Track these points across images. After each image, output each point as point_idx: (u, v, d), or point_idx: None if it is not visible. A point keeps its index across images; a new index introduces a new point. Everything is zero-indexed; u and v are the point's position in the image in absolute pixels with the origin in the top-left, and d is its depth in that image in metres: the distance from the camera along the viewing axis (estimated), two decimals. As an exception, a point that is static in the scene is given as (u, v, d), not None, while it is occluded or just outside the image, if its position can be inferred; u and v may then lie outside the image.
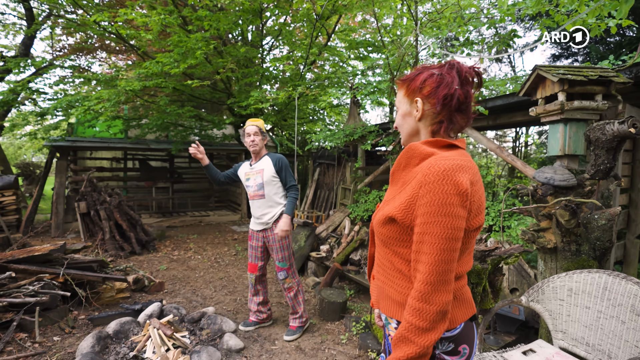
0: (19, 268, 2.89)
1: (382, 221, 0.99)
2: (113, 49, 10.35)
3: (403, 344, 0.87)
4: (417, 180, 0.90)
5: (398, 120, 1.08)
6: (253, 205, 2.78)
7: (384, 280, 1.06)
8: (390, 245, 1.00)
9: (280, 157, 2.76)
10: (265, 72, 6.32)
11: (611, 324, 1.69)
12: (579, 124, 2.22)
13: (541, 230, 2.21)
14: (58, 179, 6.37)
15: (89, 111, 5.02)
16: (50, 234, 6.21)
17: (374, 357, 2.57)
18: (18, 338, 2.60)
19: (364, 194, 4.95)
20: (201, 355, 2.34)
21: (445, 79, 0.95)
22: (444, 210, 0.84)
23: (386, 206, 1.01)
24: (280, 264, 2.80)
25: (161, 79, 5.21)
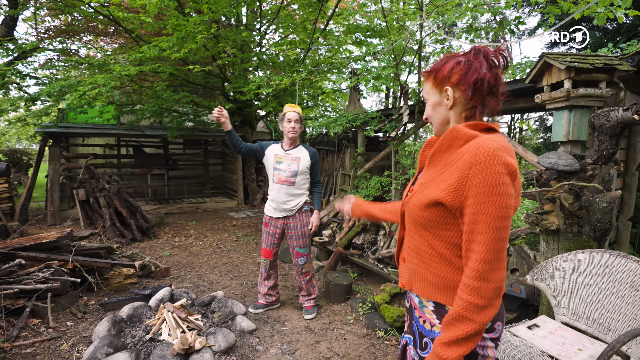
0: (27, 255, 2.90)
1: (423, 204, 0.98)
2: (100, 31, 10.01)
3: (460, 323, 0.89)
4: (464, 161, 0.91)
5: (428, 111, 1.09)
6: (279, 191, 2.78)
7: (418, 263, 1.07)
8: (431, 229, 1.00)
9: (315, 151, 2.86)
10: (264, 56, 6.24)
11: (611, 299, 1.81)
12: (583, 111, 2.30)
13: (544, 213, 2.32)
14: (52, 166, 6.27)
15: (84, 96, 4.92)
16: (46, 222, 6.15)
17: (381, 335, 2.69)
18: (32, 324, 2.64)
19: (364, 180, 5.03)
20: (217, 336, 2.42)
21: (473, 64, 0.97)
22: (497, 190, 0.86)
23: (426, 189, 0.99)
24: (300, 250, 2.90)
25: (158, 64, 5.11)
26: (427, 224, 1.00)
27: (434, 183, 0.98)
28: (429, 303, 1.07)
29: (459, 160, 0.93)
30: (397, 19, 5.96)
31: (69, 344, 2.46)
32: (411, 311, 1.18)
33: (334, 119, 4.93)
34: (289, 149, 2.82)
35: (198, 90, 9.16)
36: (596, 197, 2.11)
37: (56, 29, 9.83)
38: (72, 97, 4.81)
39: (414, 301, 1.15)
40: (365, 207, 1.51)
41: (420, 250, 1.06)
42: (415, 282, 1.09)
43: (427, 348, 1.08)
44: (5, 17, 7.91)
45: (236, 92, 5.85)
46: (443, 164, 0.99)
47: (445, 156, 0.99)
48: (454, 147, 0.97)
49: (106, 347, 2.22)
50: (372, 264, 3.71)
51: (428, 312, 1.08)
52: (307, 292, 3.03)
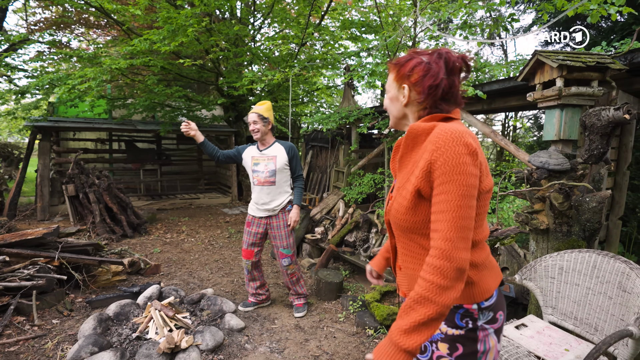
0: (11, 252, 2.84)
1: (405, 206, 0.97)
2: (92, 23, 9.84)
3: (420, 305, 0.86)
4: (428, 150, 0.92)
5: (386, 103, 1.12)
6: (261, 192, 2.75)
7: (414, 267, 1.04)
8: (419, 229, 0.98)
9: (292, 145, 2.78)
10: (257, 51, 6.17)
11: (599, 299, 1.81)
12: (574, 110, 2.28)
13: (534, 212, 2.31)
14: (41, 161, 6.17)
15: (73, 90, 4.83)
16: (36, 218, 6.07)
17: (371, 333, 2.68)
18: (16, 321, 2.59)
19: (357, 177, 5.00)
20: (204, 334, 2.40)
21: (432, 68, 0.98)
22: (458, 169, 0.87)
23: (403, 191, 0.99)
24: (284, 250, 2.84)
25: (149, 57, 5.03)
26: (412, 225, 0.99)
27: (408, 183, 0.98)
28: None
29: (424, 153, 0.94)
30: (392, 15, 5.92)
31: (54, 342, 2.42)
32: None
33: (327, 115, 4.90)
34: (264, 148, 2.76)
35: (192, 85, 9.07)
36: (586, 197, 2.11)
37: (47, 21, 9.65)
38: (62, 91, 4.73)
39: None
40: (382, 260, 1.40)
41: (414, 254, 1.04)
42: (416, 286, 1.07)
43: (426, 351, 1.06)
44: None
45: (230, 87, 5.78)
46: (412, 162, 1.01)
47: (413, 155, 1.01)
48: (418, 143, 0.99)
49: (91, 345, 2.19)
50: (364, 262, 3.69)
51: None
52: (295, 292, 3.00)
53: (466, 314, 0.99)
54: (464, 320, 1.00)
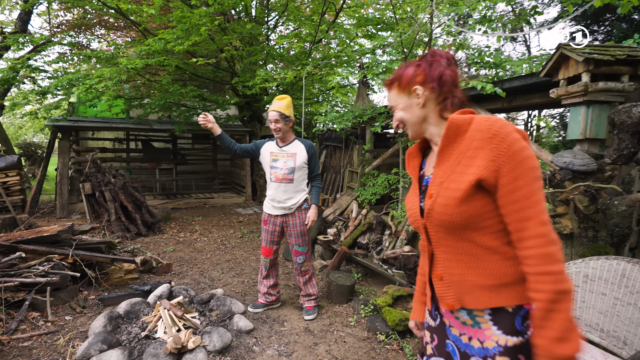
0: (28, 248, 2.93)
1: (459, 198, 0.91)
2: (112, 25, 10.16)
3: (557, 303, 0.81)
4: (480, 139, 0.90)
5: (400, 116, 1.08)
6: (278, 189, 2.74)
7: (464, 272, 0.97)
8: (472, 223, 0.93)
9: (312, 144, 2.77)
10: (271, 50, 6.19)
11: (628, 311, 1.69)
12: (602, 107, 2.16)
13: (557, 215, 2.20)
14: (61, 160, 6.39)
15: (91, 90, 4.97)
16: (55, 215, 6.29)
17: (382, 339, 2.62)
18: (31, 317, 2.67)
19: (371, 178, 4.93)
20: (212, 335, 2.40)
21: (433, 62, 1.01)
22: (523, 154, 0.86)
23: (451, 184, 0.94)
24: (299, 248, 2.84)
25: (164, 57, 5.12)
26: (467, 219, 0.92)
27: (456, 174, 0.94)
28: (484, 313, 0.96)
29: (473, 142, 0.92)
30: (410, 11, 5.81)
31: (66, 338, 2.48)
32: (442, 330, 1.08)
33: (341, 114, 4.85)
34: (284, 145, 2.75)
35: (208, 85, 9.20)
36: (614, 200, 1.98)
37: (69, 23, 10.02)
38: (79, 91, 4.87)
39: (449, 317, 1.05)
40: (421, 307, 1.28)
41: (463, 256, 0.97)
42: (467, 294, 0.97)
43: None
44: (20, 12, 8.09)
45: (244, 86, 5.82)
46: (456, 154, 0.97)
47: (455, 147, 0.97)
48: (460, 134, 0.97)
49: (100, 343, 2.22)
50: (377, 265, 3.63)
51: (484, 325, 0.96)
52: (306, 292, 2.98)
53: (527, 316, 0.91)
54: (524, 324, 0.91)
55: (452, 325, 1.04)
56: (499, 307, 0.93)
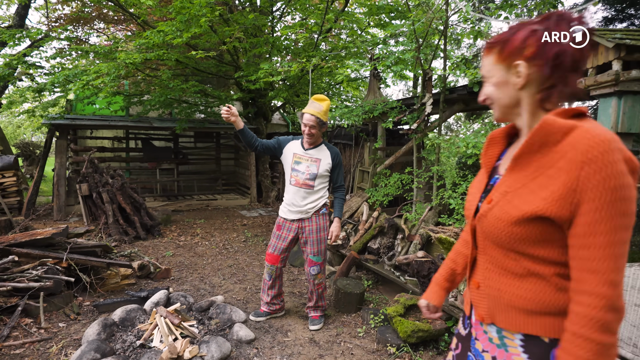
0: (21, 252, 3.01)
1: (516, 219, 0.84)
2: (111, 18, 10.36)
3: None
4: (570, 160, 0.79)
5: (489, 91, 0.96)
6: (296, 194, 2.73)
7: (502, 288, 0.93)
8: (524, 247, 0.87)
9: (338, 152, 2.76)
10: (276, 41, 6.21)
11: (664, 323, 1.63)
12: (635, 98, 2.09)
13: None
14: (58, 160, 6.54)
15: (88, 86, 5.08)
16: (52, 217, 6.44)
17: (393, 351, 2.59)
18: (23, 323, 2.74)
19: (383, 177, 4.90)
20: (210, 345, 2.41)
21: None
22: (619, 194, 0.75)
23: (515, 199, 0.86)
24: (314, 257, 2.82)
25: (163, 51, 5.20)
26: (517, 242, 0.86)
27: (526, 191, 0.85)
28: (515, 337, 0.92)
29: (560, 160, 0.81)
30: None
31: (59, 346, 2.53)
32: (468, 341, 1.06)
33: (349, 108, 4.83)
34: (309, 148, 2.73)
35: (212, 80, 9.30)
36: (650, 201, 1.92)
37: (67, 17, 10.27)
38: (76, 87, 4.98)
39: (477, 329, 1.02)
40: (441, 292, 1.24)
41: (506, 272, 0.92)
42: (500, 312, 0.93)
43: None
44: (17, 6, 8.34)
45: (247, 81, 5.87)
46: (535, 166, 0.86)
47: (538, 157, 0.86)
48: (549, 144, 0.84)
49: (93, 352, 2.26)
50: (388, 271, 3.60)
51: (512, 349, 0.92)
52: (315, 303, 2.96)
53: None
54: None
55: (478, 339, 1.02)
56: (533, 336, 0.89)
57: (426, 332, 2.60)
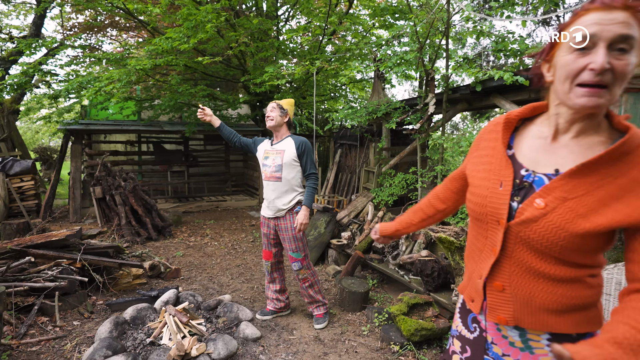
0: (37, 253, 3.09)
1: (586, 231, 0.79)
2: (123, 25, 10.56)
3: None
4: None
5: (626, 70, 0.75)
6: (267, 188, 2.80)
7: (533, 291, 0.89)
8: (573, 257, 0.83)
9: (304, 140, 2.76)
10: (282, 45, 6.25)
11: (666, 322, 1.60)
12: (637, 95, 2.05)
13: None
14: (74, 164, 6.69)
15: (100, 92, 5.18)
16: (68, 219, 6.59)
17: (396, 350, 2.59)
18: (40, 322, 2.81)
19: (388, 177, 4.89)
20: (217, 343, 2.45)
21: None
22: None
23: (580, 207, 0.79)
24: (293, 254, 2.83)
25: (172, 56, 5.28)
26: (570, 252, 0.82)
27: (593, 200, 0.79)
28: (541, 338, 0.91)
29: (632, 170, 0.78)
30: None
31: (73, 343, 2.60)
32: (481, 345, 1.02)
33: (353, 109, 4.84)
34: (277, 142, 2.80)
35: (220, 83, 9.39)
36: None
37: (81, 26, 10.50)
38: (89, 93, 5.09)
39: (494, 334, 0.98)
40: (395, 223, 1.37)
41: (540, 277, 0.87)
42: (528, 314, 0.90)
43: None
44: (34, 16, 8.56)
45: (254, 84, 5.92)
46: (603, 173, 0.80)
47: (607, 165, 0.81)
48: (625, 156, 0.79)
49: (105, 349, 2.31)
50: (393, 270, 3.59)
51: (537, 348, 0.91)
52: (310, 299, 2.98)
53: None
54: None
55: (495, 343, 0.98)
56: (562, 333, 0.87)
57: (429, 330, 2.60)
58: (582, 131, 0.84)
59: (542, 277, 0.86)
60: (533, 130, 0.93)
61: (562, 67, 0.79)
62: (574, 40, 0.76)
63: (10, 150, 7.62)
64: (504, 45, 3.28)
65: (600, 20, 0.73)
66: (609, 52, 0.73)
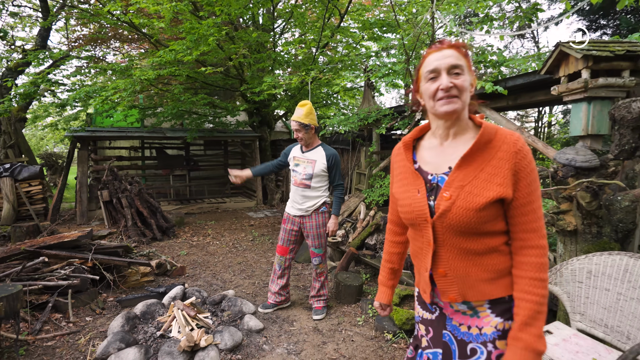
0: (50, 253, 3.09)
1: (480, 206, 0.95)
2: (126, 37, 10.49)
3: (544, 305, 0.93)
4: (506, 151, 0.96)
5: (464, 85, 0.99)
6: (296, 192, 2.86)
7: (468, 268, 1.02)
8: (485, 227, 0.98)
9: (334, 153, 2.81)
10: (277, 56, 6.30)
11: (631, 305, 1.69)
12: (603, 103, 2.16)
13: (561, 212, 2.20)
14: (80, 169, 6.64)
15: (107, 101, 5.17)
16: (75, 222, 6.52)
17: (390, 338, 2.65)
18: (54, 318, 2.81)
19: (379, 179, 4.96)
20: (223, 334, 2.47)
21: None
22: (535, 172, 0.97)
23: (474, 189, 0.97)
24: (316, 250, 2.93)
25: (175, 67, 5.29)
26: (481, 224, 0.98)
27: (480, 181, 0.98)
28: (484, 304, 1.05)
29: (498, 152, 0.98)
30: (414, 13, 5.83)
31: (86, 338, 2.60)
32: (441, 322, 1.13)
33: (346, 116, 4.91)
34: (307, 150, 2.84)
35: (219, 92, 9.41)
36: (618, 196, 1.98)
37: (85, 38, 10.40)
38: (96, 102, 5.07)
39: (448, 310, 1.11)
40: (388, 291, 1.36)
41: (468, 254, 1.02)
42: (469, 289, 1.03)
43: (476, 354, 1.04)
44: (40, 28, 8.46)
45: (252, 93, 5.96)
46: (480, 160, 1.00)
47: (479, 153, 1.00)
48: (489, 143, 1.00)
49: (118, 342, 2.33)
50: (385, 265, 3.65)
51: (482, 313, 1.05)
52: (317, 292, 3.05)
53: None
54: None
55: (452, 317, 1.11)
56: (497, 299, 1.03)
57: (419, 319, 2.66)
58: (457, 133, 1.05)
59: (470, 254, 1.02)
60: (425, 144, 1.13)
61: (425, 92, 1.04)
62: (427, 74, 1.01)
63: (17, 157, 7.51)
64: (483, 57, 3.38)
65: (438, 58, 1.01)
66: (448, 76, 0.99)
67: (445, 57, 0.99)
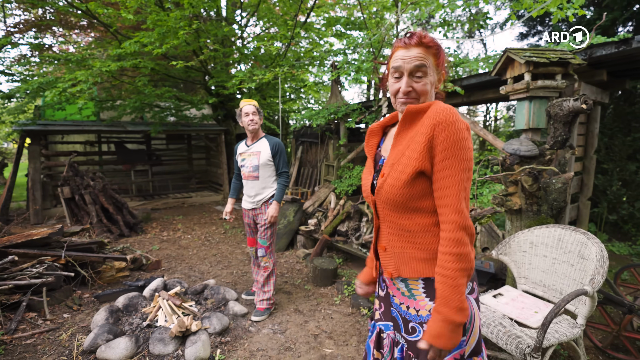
0: (19, 252, 2.95)
1: (404, 181, 0.99)
2: (73, 24, 9.72)
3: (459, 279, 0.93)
4: (426, 125, 0.97)
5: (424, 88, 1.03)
6: (247, 185, 2.88)
7: (403, 245, 1.07)
8: (413, 204, 1.01)
9: (278, 141, 2.84)
10: (242, 49, 6.28)
11: (563, 267, 2.06)
12: (541, 101, 2.53)
13: (509, 194, 2.56)
14: (32, 165, 6.18)
15: (64, 93, 4.88)
16: (29, 221, 6.09)
17: (365, 312, 2.91)
18: (29, 317, 2.72)
19: (347, 170, 5.21)
20: (212, 319, 2.58)
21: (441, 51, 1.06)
22: (460, 144, 0.94)
23: (399, 166, 1.01)
24: (261, 241, 2.85)
25: (139, 59, 5.11)
26: (408, 200, 1.01)
27: (405, 157, 1.01)
28: (418, 283, 1.08)
29: (422, 128, 0.99)
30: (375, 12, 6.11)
31: (68, 334, 2.57)
32: (387, 299, 1.19)
33: (316, 111, 5.07)
34: (252, 143, 2.84)
35: (178, 85, 9.11)
36: (552, 179, 2.36)
37: (27, 23, 9.50)
38: (52, 94, 4.77)
39: (392, 288, 1.16)
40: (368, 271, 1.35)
41: (404, 231, 1.06)
42: (404, 265, 1.08)
43: (415, 332, 1.09)
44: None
45: (218, 86, 5.90)
46: (408, 138, 1.03)
47: (408, 132, 1.05)
48: (415, 120, 1.03)
49: (106, 333, 2.35)
50: (356, 249, 3.92)
51: (417, 294, 1.08)
52: (261, 287, 2.89)
53: None
54: None
55: (395, 295, 1.16)
56: (430, 278, 1.06)
57: (391, 294, 2.94)
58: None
59: (405, 232, 1.06)
60: (392, 131, 1.19)
61: (389, 87, 1.09)
62: (392, 71, 1.05)
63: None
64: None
65: (403, 56, 1.02)
66: (410, 78, 1.03)
67: (410, 58, 1.01)
